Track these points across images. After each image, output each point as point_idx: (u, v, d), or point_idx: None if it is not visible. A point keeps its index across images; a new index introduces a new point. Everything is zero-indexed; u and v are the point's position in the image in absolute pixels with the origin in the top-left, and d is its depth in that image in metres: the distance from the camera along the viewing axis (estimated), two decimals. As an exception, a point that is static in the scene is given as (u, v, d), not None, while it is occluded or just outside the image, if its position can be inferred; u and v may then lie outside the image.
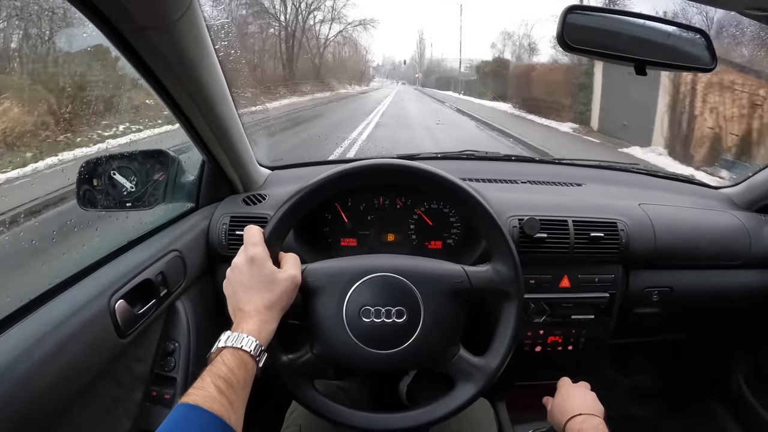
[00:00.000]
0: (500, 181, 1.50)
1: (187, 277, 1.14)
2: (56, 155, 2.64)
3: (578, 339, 1.33)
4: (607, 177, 1.69)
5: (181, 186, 1.26)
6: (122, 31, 0.77)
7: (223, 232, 1.24)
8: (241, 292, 0.83)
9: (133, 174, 1.17)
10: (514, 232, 1.23)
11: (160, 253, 1.06)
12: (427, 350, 0.92)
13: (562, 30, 0.92)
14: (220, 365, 0.71)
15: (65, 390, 0.77)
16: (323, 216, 1.30)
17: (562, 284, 1.28)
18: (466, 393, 0.93)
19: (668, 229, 1.33)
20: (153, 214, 1.20)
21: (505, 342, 0.94)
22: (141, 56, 0.85)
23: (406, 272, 0.92)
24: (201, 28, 0.89)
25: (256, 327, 0.78)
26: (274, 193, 1.34)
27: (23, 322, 0.77)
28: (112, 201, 1.16)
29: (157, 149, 1.22)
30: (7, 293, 0.87)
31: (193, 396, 0.65)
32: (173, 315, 1.11)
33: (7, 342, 0.72)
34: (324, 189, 0.94)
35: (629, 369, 1.83)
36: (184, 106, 1.01)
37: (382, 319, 0.90)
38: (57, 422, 0.76)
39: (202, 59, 0.94)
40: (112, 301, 0.88)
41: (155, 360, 1.07)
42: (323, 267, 0.94)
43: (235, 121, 1.17)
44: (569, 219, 1.26)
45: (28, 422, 0.70)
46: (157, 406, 1.05)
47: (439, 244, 1.32)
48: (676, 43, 1.00)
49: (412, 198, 1.30)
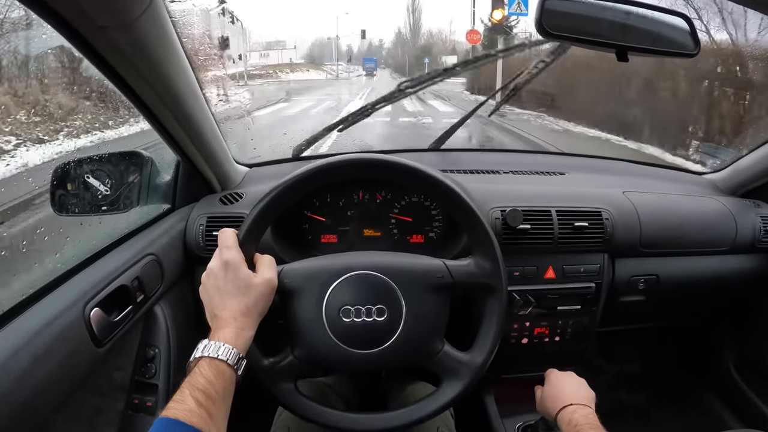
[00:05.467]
0: (482, 171, 1.49)
1: (165, 281, 1.11)
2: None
3: (565, 329, 1.33)
4: (591, 165, 1.68)
5: (156, 187, 1.24)
6: (81, 31, 0.74)
7: (200, 233, 1.21)
8: (217, 298, 0.81)
9: (107, 176, 1.14)
10: (497, 223, 1.21)
11: (135, 257, 1.03)
12: (411, 348, 0.91)
13: (541, 16, 0.91)
14: (198, 377, 0.69)
15: (44, 404, 0.75)
16: (302, 213, 1.28)
17: (547, 275, 1.27)
18: (453, 390, 0.92)
19: (653, 216, 1.33)
20: (128, 217, 1.17)
21: (490, 336, 0.93)
22: (103, 56, 0.81)
23: (386, 269, 0.91)
24: (165, 24, 0.85)
25: (233, 334, 0.76)
26: (252, 191, 1.32)
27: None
28: (87, 205, 1.13)
29: (130, 150, 1.19)
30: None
31: (172, 410, 0.64)
32: (152, 320, 1.08)
33: None
34: (298, 187, 0.91)
35: (617, 356, 1.83)
36: (153, 106, 0.98)
37: (362, 319, 0.88)
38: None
39: (168, 56, 0.90)
40: (86, 309, 0.86)
41: (135, 367, 1.05)
42: (300, 267, 0.92)
43: (208, 118, 1.14)
44: (552, 209, 1.25)
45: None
46: (140, 414, 1.03)
47: (421, 238, 1.31)
48: (657, 28, 0.99)
49: (392, 192, 1.28)
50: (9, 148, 2.69)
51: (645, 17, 0.99)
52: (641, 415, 1.73)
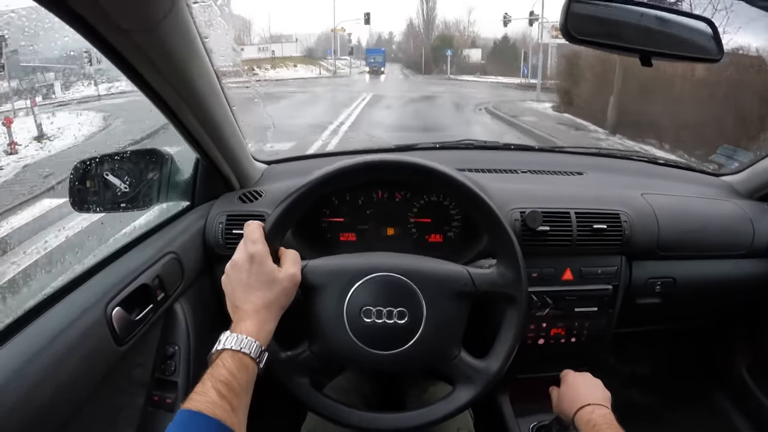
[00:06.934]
0: (500, 171, 1.48)
1: (185, 279, 1.12)
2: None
3: (581, 331, 1.33)
4: (608, 165, 1.67)
5: (175, 185, 1.24)
6: (104, 35, 0.74)
7: (220, 231, 1.22)
8: (240, 291, 0.81)
9: (126, 174, 1.15)
10: (516, 225, 1.21)
11: (156, 256, 1.04)
12: (428, 352, 0.92)
13: (566, 21, 0.90)
14: (221, 369, 0.70)
15: (65, 404, 0.76)
16: (321, 211, 1.28)
17: (565, 277, 1.27)
18: (466, 396, 0.93)
19: (671, 219, 1.32)
20: (148, 215, 1.18)
21: (506, 345, 0.93)
22: (126, 59, 0.81)
23: (409, 273, 0.91)
24: (188, 26, 0.85)
25: (255, 327, 0.77)
26: (271, 189, 1.32)
27: (16, 338, 0.75)
28: (107, 202, 1.14)
29: (150, 148, 1.19)
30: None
31: (194, 402, 0.65)
32: (171, 318, 1.09)
33: (1, 360, 0.70)
34: (324, 185, 0.92)
35: (630, 358, 1.83)
36: (174, 105, 0.98)
37: (383, 320, 0.89)
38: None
39: (190, 57, 0.91)
40: (108, 309, 0.86)
41: (155, 365, 1.06)
42: (324, 264, 0.93)
43: (228, 117, 1.14)
44: (572, 211, 1.25)
45: None
46: (160, 411, 1.04)
47: (440, 238, 1.30)
48: (681, 32, 0.98)
49: (411, 191, 1.28)
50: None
51: (669, 21, 0.98)
52: (653, 416, 1.73)
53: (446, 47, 37.70)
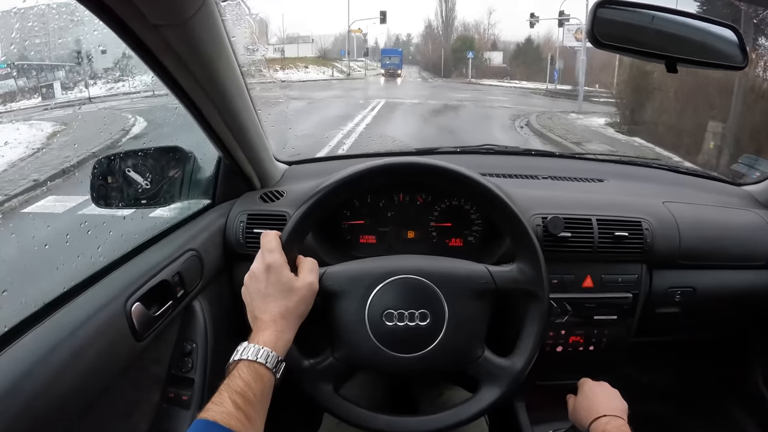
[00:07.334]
0: (520, 176, 1.48)
1: (204, 276, 1.12)
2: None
3: (600, 339, 1.32)
4: (629, 172, 1.66)
5: (197, 182, 1.25)
6: (134, 29, 0.75)
7: (241, 230, 1.22)
8: (258, 301, 0.82)
9: (148, 171, 1.16)
10: (538, 230, 1.21)
11: (176, 253, 1.04)
12: (452, 352, 0.91)
13: (592, 26, 0.90)
14: (237, 379, 0.71)
15: (83, 396, 0.76)
16: (341, 213, 1.29)
17: (585, 284, 1.26)
18: (492, 395, 0.93)
19: (693, 228, 1.31)
20: (169, 212, 1.19)
21: (530, 343, 0.93)
22: (154, 54, 0.82)
23: (429, 273, 0.91)
24: (216, 24, 0.86)
25: (272, 337, 0.78)
26: (292, 189, 1.32)
27: (38, 328, 0.75)
28: (128, 199, 1.15)
29: (172, 146, 1.20)
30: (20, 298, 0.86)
31: (211, 412, 0.66)
32: (190, 315, 1.09)
33: (22, 349, 0.71)
34: (341, 190, 0.93)
35: (647, 367, 1.81)
36: (199, 102, 0.99)
37: (405, 323, 0.89)
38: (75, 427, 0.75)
39: (218, 55, 0.92)
40: (128, 304, 0.87)
41: (172, 361, 1.06)
42: (343, 270, 0.93)
43: (252, 116, 1.15)
44: (593, 217, 1.24)
45: (48, 429, 0.69)
46: (175, 408, 1.04)
47: (460, 242, 1.31)
48: (707, 39, 0.98)
49: (432, 195, 1.29)
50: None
51: (694, 28, 0.98)
52: (668, 426, 1.71)
53: (468, 49, 36.19)
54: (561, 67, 23.39)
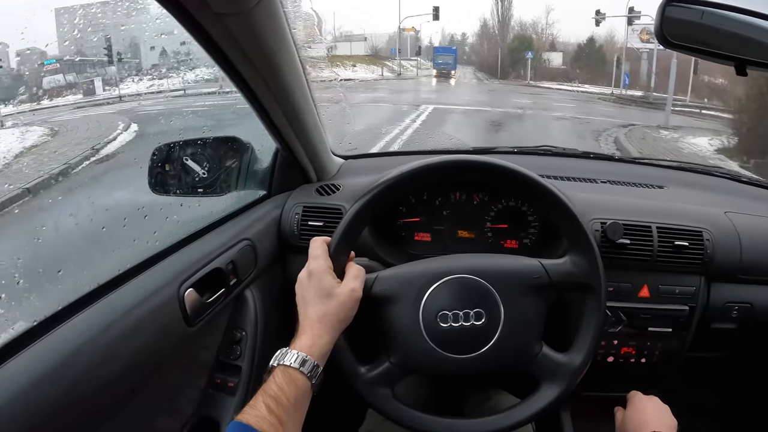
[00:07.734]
0: (579, 179, 1.45)
1: (258, 266, 1.13)
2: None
3: (652, 352, 1.26)
4: (689, 180, 1.59)
5: (253, 173, 1.27)
6: (198, 18, 0.76)
7: (296, 221, 1.23)
8: (301, 306, 0.83)
9: (205, 160, 1.18)
10: (597, 236, 1.17)
11: (231, 241, 1.06)
12: (510, 351, 0.89)
13: (661, 25, 0.88)
14: (271, 384, 0.72)
15: (132, 377, 0.78)
16: (397, 209, 1.28)
17: (641, 294, 1.22)
18: (552, 392, 0.90)
19: (755, 241, 1.24)
20: (225, 201, 1.21)
21: (588, 338, 0.91)
22: (217, 43, 0.84)
23: (481, 272, 0.89)
24: (278, 15, 0.87)
25: (308, 342, 0.78)
26: (348, 184, 1.33)
27: (90, 308, 0.77)
28: (184, 187, 1.18)
29: (230, 136, 1.22)
30: (75, 279, 0.88)
31: (245, 415, 0.67)
32: (241, 304, 1.10)
33: (74, 328, 0.72)
34: (391, 191, 0.91)
35: (698, 384, 1.74)
36: (260, 93, 1.00)
37: (460, 323, 0.87)
38: (122, 407, 0.77)
39: (279, 47, 0.92)
40: (181, 289, 0.88)
41: (221, 348, 1.08)
42: (395, 274, 0.92)
43: (311, 109, 1.16)
44: (653, 225, 1.20)
45: (94, 409, 0.70)
46: (220, 394, 1.05)
47: (515, 244, 1.28)
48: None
49: (489, 194, 1.27)
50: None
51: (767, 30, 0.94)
52: None
53: (526, 49, 34.67)
54: (627, 70, 22.25)
